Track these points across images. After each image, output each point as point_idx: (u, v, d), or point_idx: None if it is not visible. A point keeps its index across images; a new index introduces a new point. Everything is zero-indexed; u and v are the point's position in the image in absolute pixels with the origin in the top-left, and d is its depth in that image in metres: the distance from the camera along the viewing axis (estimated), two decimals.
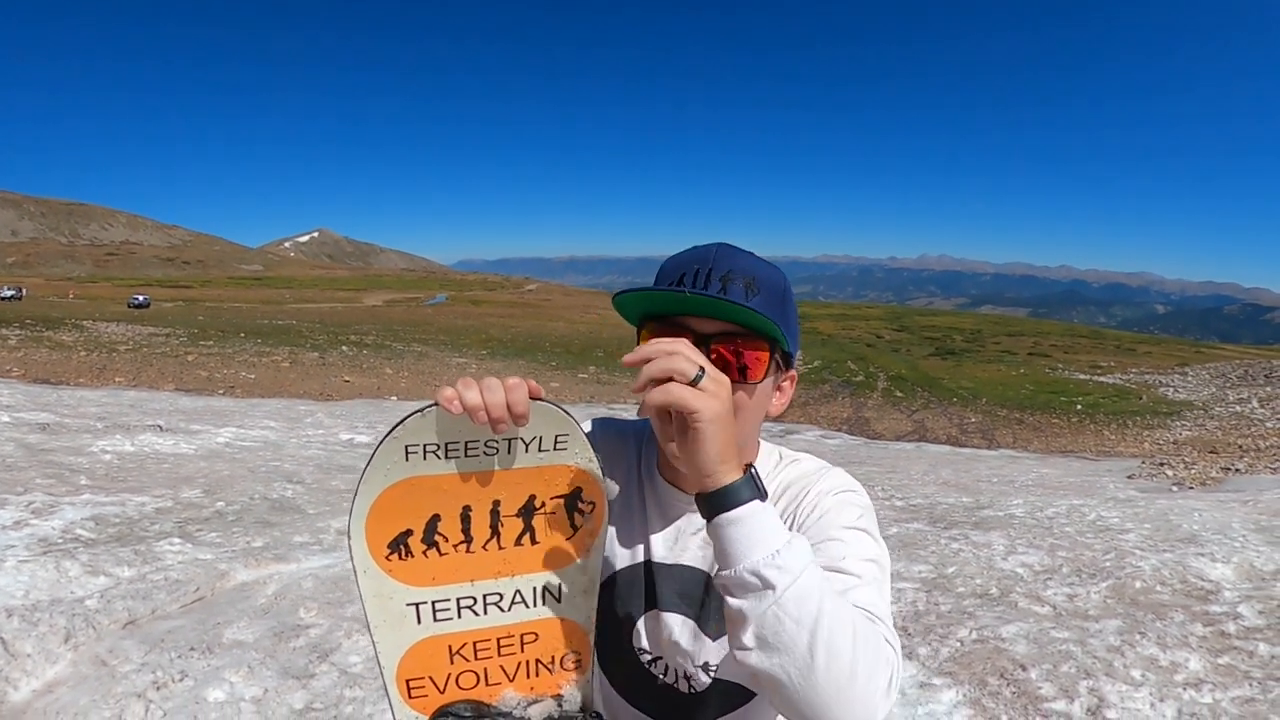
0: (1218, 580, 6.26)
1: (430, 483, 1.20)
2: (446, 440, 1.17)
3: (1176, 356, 66.57)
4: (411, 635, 1.28)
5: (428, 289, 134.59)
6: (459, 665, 1.31)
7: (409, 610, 1.27)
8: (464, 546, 1.25)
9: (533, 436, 1.19)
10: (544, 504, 1.25)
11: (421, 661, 1.30)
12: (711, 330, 1.25)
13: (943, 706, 4.25)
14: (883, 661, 1.03)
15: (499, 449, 1.19)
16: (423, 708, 1.32)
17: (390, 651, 1.28)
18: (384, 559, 1.23)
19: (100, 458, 10.01)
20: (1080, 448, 29.11)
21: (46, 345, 33.74)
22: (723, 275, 1.26)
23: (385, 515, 1.21)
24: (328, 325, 55.79)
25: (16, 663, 4.08)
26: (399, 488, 1.19)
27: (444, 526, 1.23)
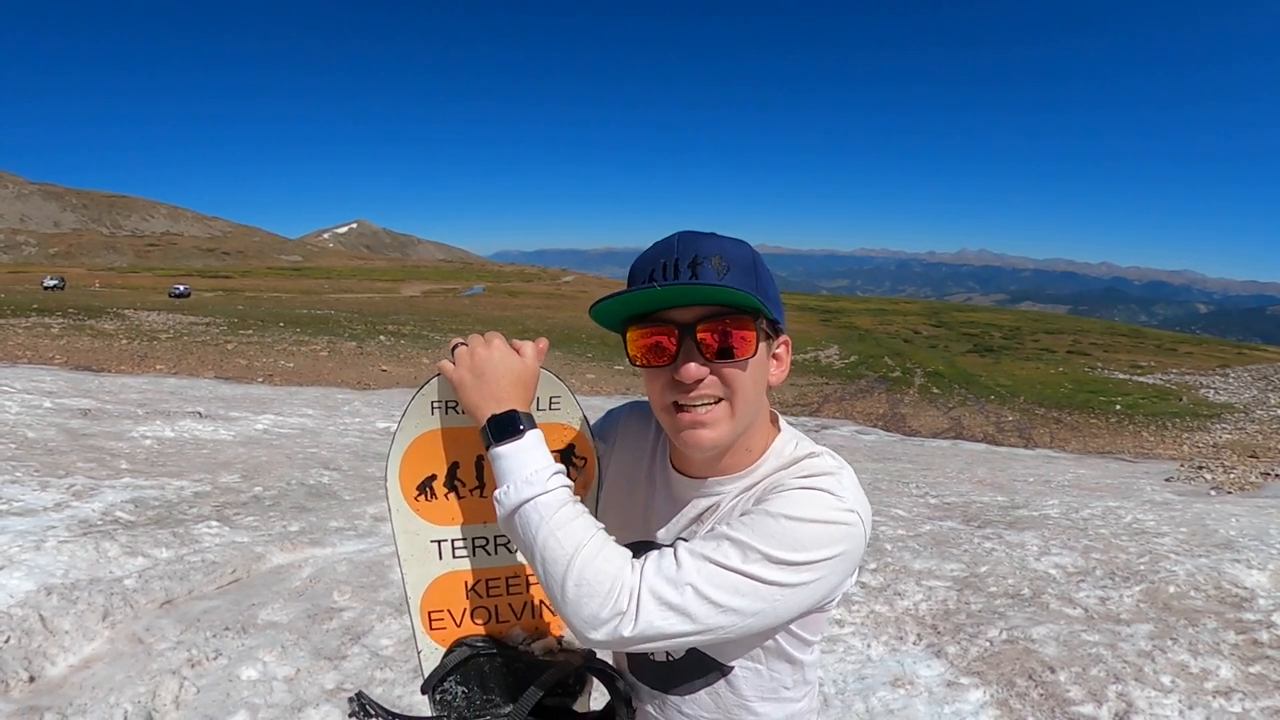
0: (1252, 587, 6.17)
1: (452, 434, 1.44)
2: None
3: (1218, 357, 65.38)
4: (434, 569, 1.49)
5: (465, 280, 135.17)
6: (474, 600, 1.52)
7: (432, 546, 1.49)
8: (478, 491, 1.47)
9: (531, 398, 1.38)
10: None
11: (442, 595, 1.50)
12: (692, 317, 1.27)
13: (969, 706, 4.22)
14: (591, 595, 1.19)
15: None
16: (441, 639, 1.52)
17: (416, 584, 1.49)
18: (413, 499, 1.46)
19: (140, 443, 10.18)
20: (1118, 449, 28.75)
21: (88, 333, 34.30)
22: (690, 261, 1.27)
23: (415, 461, 1.44)
24: (366, 315, 56.24)
25: (55, 639, 4.17)
26: (426, 437, 1.44)
27: (462, 473, 1.46)
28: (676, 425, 1.31)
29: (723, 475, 1.40)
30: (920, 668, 4.69)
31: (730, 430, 1.31)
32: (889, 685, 4.46)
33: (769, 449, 1.42)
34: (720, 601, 1.20)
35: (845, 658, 4.82)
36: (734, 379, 1.29)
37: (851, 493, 1.29)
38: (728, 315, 1.26)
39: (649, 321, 1.30)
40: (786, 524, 1.22)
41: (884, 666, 4.71)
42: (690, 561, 1.21)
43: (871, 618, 5.46)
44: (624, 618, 1.18)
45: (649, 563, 1.22)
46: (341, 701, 3.92)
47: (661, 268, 1.28)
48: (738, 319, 1.27)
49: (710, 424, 1.29)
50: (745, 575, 1.21)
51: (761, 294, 1.27)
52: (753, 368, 1.31)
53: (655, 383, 1.32)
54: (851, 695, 4.33)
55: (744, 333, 1.27)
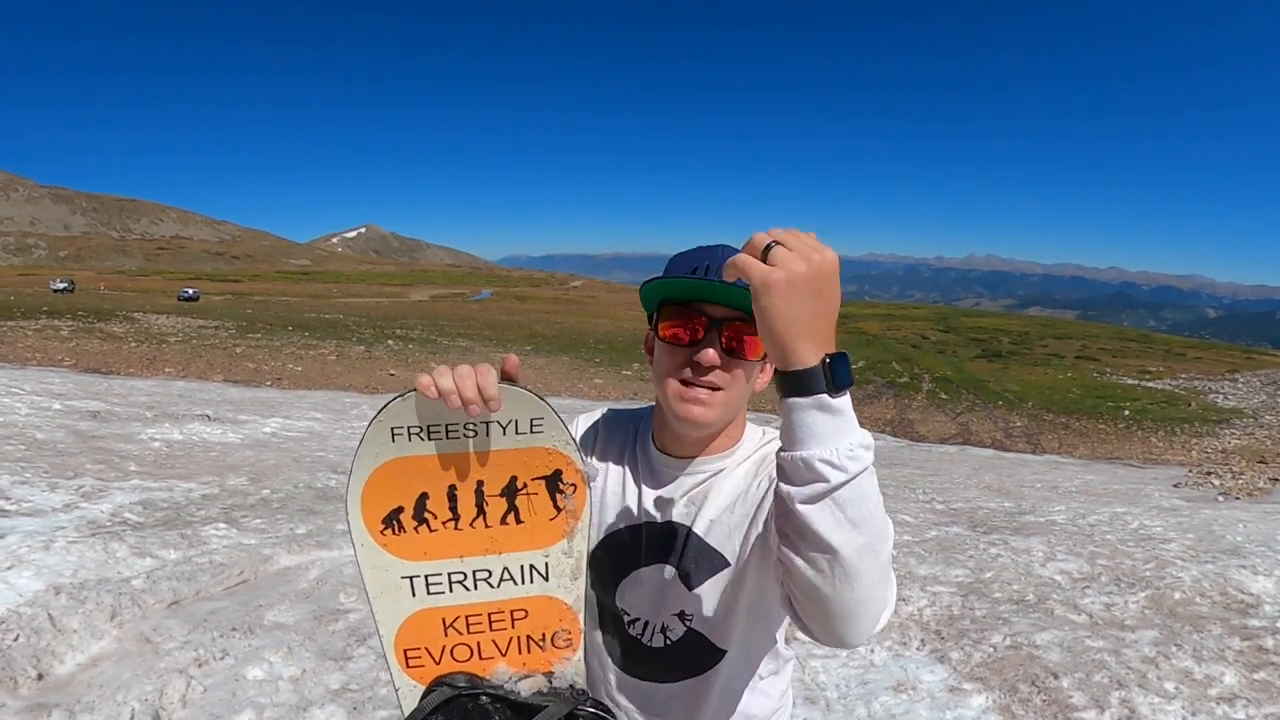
0: (1258, 594, 6.15)
1: (416, 463, 1.28)
2: (428, 423, 1.26)
3: (1227, 362, 65.12)
4: (407, 607, 1.37)
5: (473, 285, 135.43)
6: (453, 638, 1.39)
7: (404, 582, 1.35)
8: (452, 524, 1.33)
9: (509, 420, 1.27)
10: (525, 485, 1.32)
11: (417, 632, 1.38)
12: (721, 315, 1.43)
13: (971, 712, 4.23)
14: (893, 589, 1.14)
15: (477, 431, 1.28)
16: (420, 677, 1.40)
17: (388, 621, 1.37)
18: (379, 533, 1.32)
19: (149, 445, 10.24)
20: (1127, 454, 28.70)
21: (98, 336, 34.47)
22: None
23: (378, 492, 1.30)
24: (374, 319, 56.38)
25: (63, 638, 4.21)
26: (388, 467, 1.28)
27: (432, 504, 1.31)
28: (681, 396, 1.47)
29: (708, 455, 1.58)
30: (923, 673, 4.70)
31: (719, 415, 1.48)
32: (891, 690, 4.47)
33: (744, 435, 1.61)
34: None
35: (848, 663, 4.83)
36: (736, 375, 1.46)
37: None
38: (752, 323, 1.30)
39: (687, 307, 1.45)
40: None
41: (887, 672, 4.72)
42: None
43: None
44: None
45: None
46: (346, 701, 3.95)
47: (704, 268, 1.47)
48: (754, 328, 1.29)
49: (708, 405, 1.46)
50: None
51: None
52: (751, 371, 1.49)
53: (673, 359, 1.47)
54: (854, 700, 4.35)
55: (757, 341, 1.42)
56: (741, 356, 1.44)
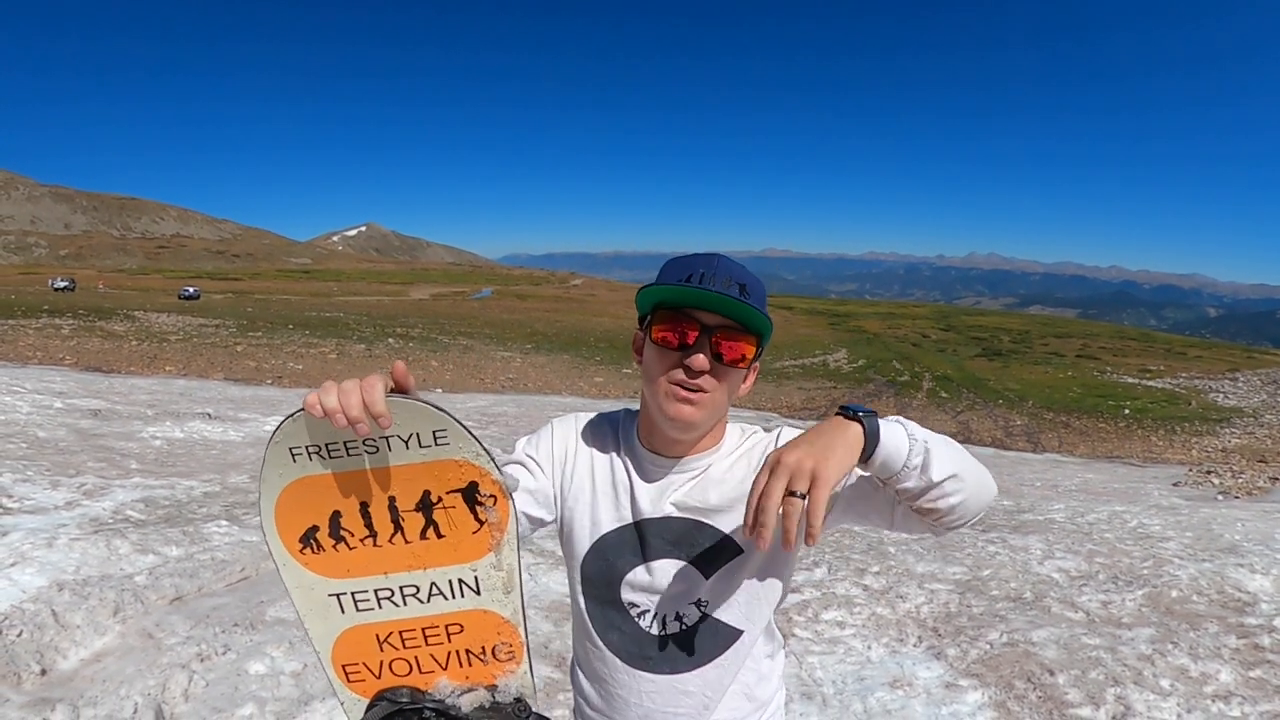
0: (1255, 592, 6.18)
1: (322, 481, 1.25)
2: (324, 441, 1.22)
3: (1227, 361, 65.12)
4: (338, 624, 1.35)
5: (474, 283, 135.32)
6: (389, 653, 1.38)
7: (331, 600, 1.33)
8: (370, 540, 1.29)
9: (409, 433, 1.22)
10: (440, 498, 1.28)
11: (352, 648, 1.37)
12: (713, 322, 1.50)
13: (967, 708, 4.26)
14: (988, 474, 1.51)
15: (377, 447, 1.23)
16: (362, 691, 1.39)
17: (322, 638, 1.36)
18: (298, 553, 1.30)
19: (150, 443, 10.28)
20: (1127, 453, 28.70)
21: (98, 335, 34.47)
22: (724, 279, 1.51)
23: (289, 513, 1.27)
24: (374, 318, 56.39)
25: (66, 633, 4.24)
26: (295, 487, 1.25)
27: (346, 522, 1.28)
28: (671, 396, 1.53)
29: (696, 454, 1.64)
30: (920, 669, 4.73)
31: (706, 417, 1.55)
32: (888, 686, 4.50)
33: (726, 433, 1.69)
34: None
35: (845, 659, 4.86)
36: (724, 380, 1.54)
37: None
38: (741, 332, 1.52)
39: (680, 313, 1.52)
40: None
41: (883, 668, 4.75)
42: None
43: (873, 620, 5.50)
44: None
45: None
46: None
47: (699, 276, 1.51)
48: (747, 335, 1.53)
49: (697, 405, 1.53)
50: None
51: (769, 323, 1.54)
52: (737, 377, 1.57)
53: (663, 362, 1.54)
54: (850, 695, 4.38)
55: (748, 346, 1.54)
56: (729, 363, 1.52)
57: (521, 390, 30.14)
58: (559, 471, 1.69)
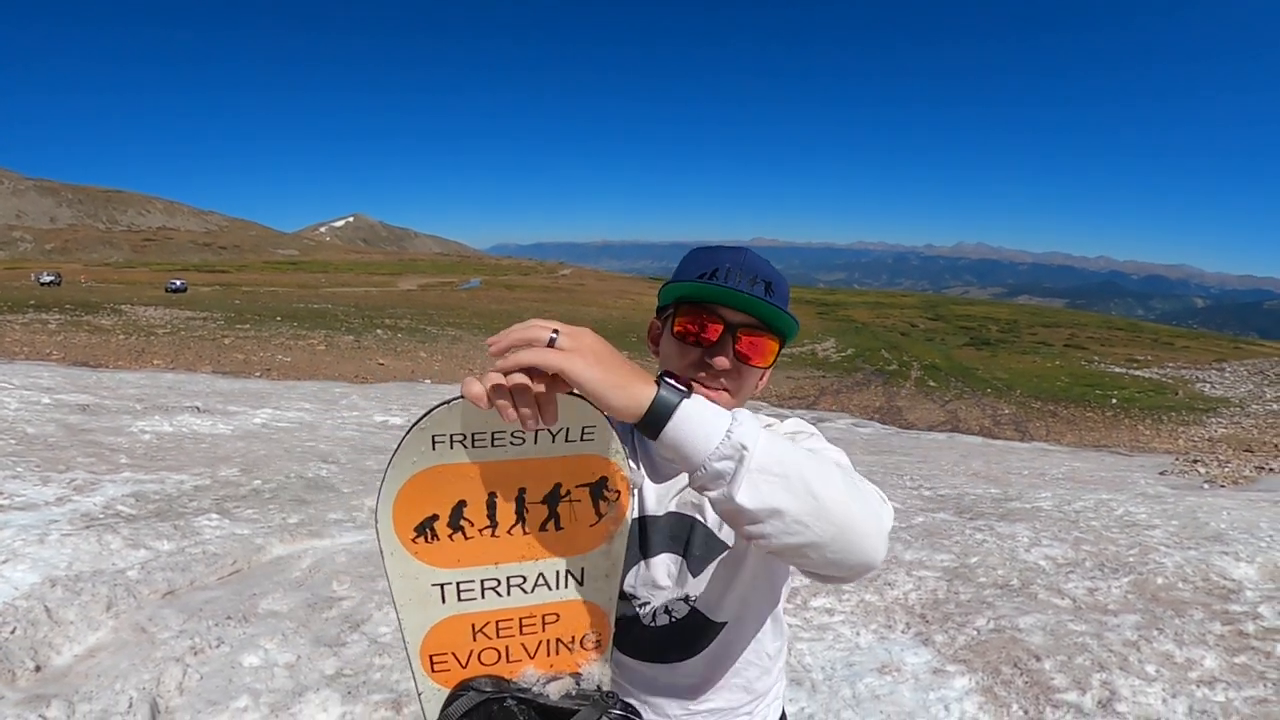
0: (1240, 579, 6.23)
1: (456, 470, 1.23)
2: (473, 431, 1.20)
3: (1214, 352, 65.53)
4: (436, 614, 1.33)
5: (462, 274, 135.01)
6: (481, 642, 1.36)
7: (434, 590, 1.31)
8: (489, 531, 1.29)
9: (560, 428, 1.21)
10: (569, 492, 1.29)
11: (445, 638, 1.35)
12: (737, 320, 1.49)
13: (954, 693, 4.31)
14: (875, 499, 1.22)
15: (525, 439, 1.22)
16: (445, 681, 1.37)
17: (415, 629, 1.34)
18: (410, 541, 1.27)
19: (140, 438, 10.24)
20: (1114, 442, 28.87)
21: (85, 329, 34.29)
22: (750, 277, 1.50)
23: (412, 500, 1.24)
24: (363, 309, 56.22)
25: (60, 629, 4.24)
26: (426, 475, 1.22)
27: (470, 512, 1.27)
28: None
29: None
30: (908, 655, 4.77)
31: None
32: (876, 672, 4.54)
33: None
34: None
35: (834, 645, 4.91)
36: (744, 378, 1.54)
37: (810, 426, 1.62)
38: (764, 331, 1.51)
39: (704, 309, 1.50)
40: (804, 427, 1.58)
41: (872, 654, 4.80)
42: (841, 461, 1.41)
43: (861, 606, 5.54)
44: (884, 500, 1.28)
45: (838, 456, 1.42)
46: (340, 686, 4.00)
47: (725, 271, 1.50)
48: (769, 334, 1.51)
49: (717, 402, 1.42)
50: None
51: (794, 323, 1.53)
52: (755, 376, 1.56)
53: (685, 357, 1.52)
54: (839, 681, 4.42)
55: (771, 345, 1.52)
56: (752, 363, 1.51)
57: None
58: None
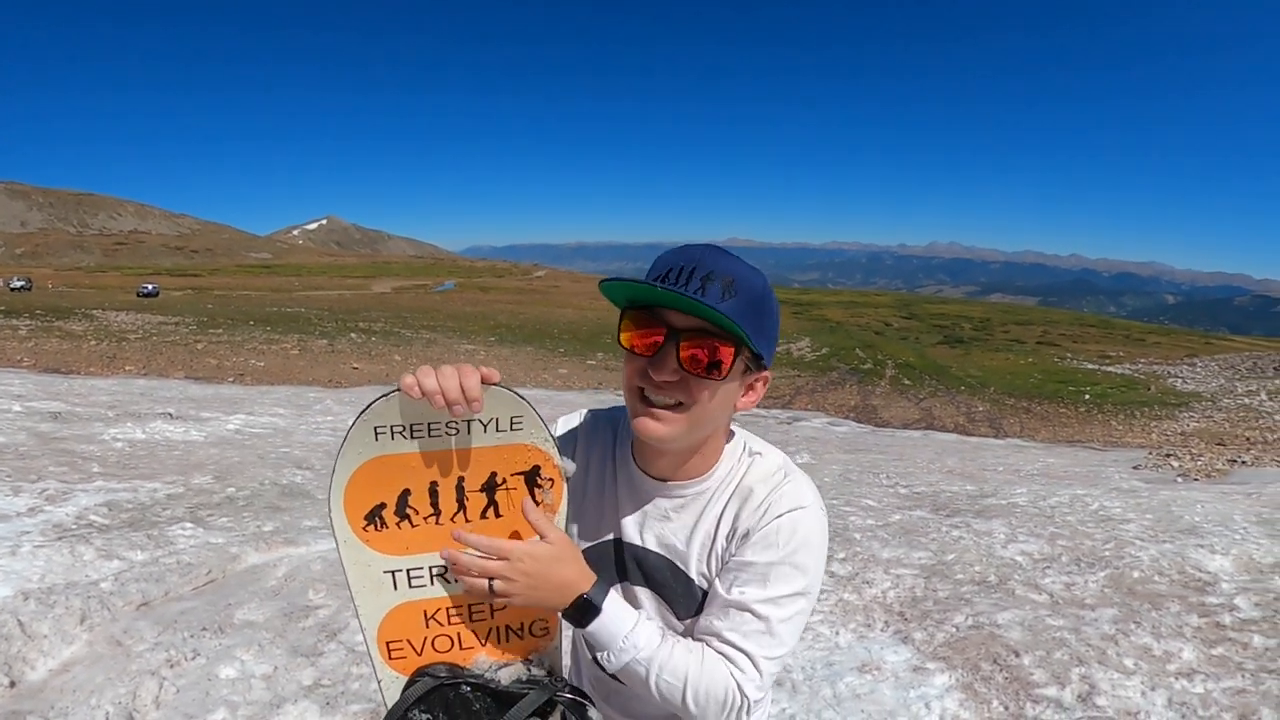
0: (1215, 572, 6.30)
1: (399, 460, 1.33)
2: (411, 422, 1.30)
3: (1185, 347, 66.27)
4: (389, 600, 1.41)
5: (436, 276, 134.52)
6: (434, 629, 1.44)
7: (386, 577, 1.40)
8: (433, 519, 1.37)
9: (489, 418, 1.32)
10: (505, 480, 1.37)
11: (399, 625, 1.43)
12: (685, 325, 1.34)
13: (934, 690, 4.32)
14: (715, 698, 1.37)
15: (459, 429, 1.32)
16: (402, 668, 1.45)
17: (371, 615, 1.42)
18: (361, 530, 1.36)
19: (112, 445, 10.14)
20: (1087, 437, 29.09)
21: (56, 335, 33.89)
22: (704, 275, 1.32)
23: (360, 490, 1.34)
24: (336, 312, 55.88)
25: (34, 643, 4.18)
26: (371, 465, 1.32)
27: (414, 500, 1.36)
28: (636, 410, 1.42)
29: (685, 480, 1.52)
30: (887, 653, 4.79)
31: (680, 433, 1.40)
32: (856, 671, 4.55)
33: (721, 455, 1.54)
34: (795, 632, 1.45)
35: (814, 645, 4.91)
36: (698, 392, 1.37)
37: (807, 489, 1.49)
38: (714, 336, 1.34)
39: (647, 314, 1.37)
40: (793, 559, 1.43)
41: (852, 653, 4.81)
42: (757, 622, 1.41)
43: (840, 606, 5.55)
44: (745, 702, 1.40)
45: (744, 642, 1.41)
46: (319, 697, 3.96)
47: (679, 271, 1.34)
48: (722, 342, 1.34)
49: (665, 421, 1.38)
50: (799, 612, 1.44)
51: (754, 328, 1.35)
52: (720, 389, 1.39)
53: (632, 366, 1.41)
54: (819, 681, 4.42)
55: (721, 356, 1.34)
56: (700, 374, 1.35)
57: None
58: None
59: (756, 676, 1.40)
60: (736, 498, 1.49)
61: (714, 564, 1.50)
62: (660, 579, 1.54)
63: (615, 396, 27.53)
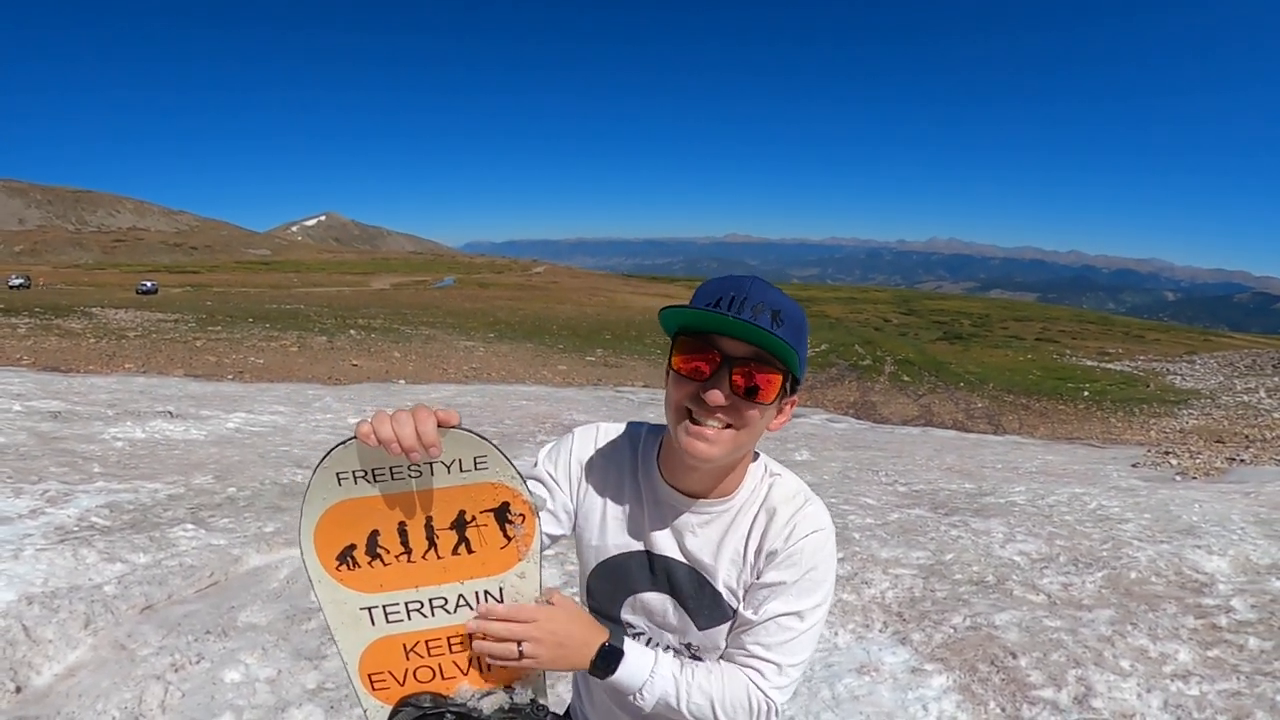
0: (1212, 573, 6.33)
1: (365, 504, 1.35)
2: (372, 467, 1.32)
3: (1185, 344, 66.29)
4: (367, 635, 1.44)
5: (435, 272, 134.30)
6: (415, 661, 1.47)
7: (362, 613, 1.43)
8: (405, 557, 1.39)
9: (452, 459, 1.33)
10: (474, 518, 1.39)
11: (380, 658, 1.46)
12: (737, 352, 1.42)
13: (932, 691, 4.36)
14: (741, 707, 1.50)
15: (422, 471, 1.34)
16: (386, 698, 1.48)
17: (351, 650, 1.45)
18: (334, 569, 1.40)
19: (112, 445, 10.14)
20: (1086, 435, 29.08)
21: (56, 333, 33.80)
22: (755, 305, 1.41)
23: (329, 533, 1.37)
24: (335, 309, 55.75)
25: (38, 648, 4.20)
26: (337, 509, 1.35)
27: (384, 540, 1.38)
28: (685, 431, 1.47)
29: (715, 498, 1.60)
30: (885, 655, 4.82)
31: (725, 453, 1.47)
32: (855, 672, 4.59)
33: (746, 475, 1.62)
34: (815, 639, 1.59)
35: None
36: (746, 415, 1.45)
37: (824, 511, 1.61)
38: (765, 363, 1.42)
39: (702, 341, 1.44)
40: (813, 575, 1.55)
41: (850, 654, 4.84)
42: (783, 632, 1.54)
43: (839, 606, 5.58)
44: (772, 705, 1.53)
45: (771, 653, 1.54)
46: (323, 700, 3.99)
47: (729, 300, 1.41)
48: (771, 368, 1.43)
49: (713, 442, 1.45)
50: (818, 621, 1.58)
51: (798, 355, 1.44)
52: (763, 412, 1.47)
53: (682, 390, 1.47)
54: (818, 682, 4.46)
55: (773, 378, 1.44)
56: (752, 399, 1.44)
57: (485, 380, 29.94)
58: (574, 488, 1.70)
59: (784, 682, 1.52)
60: (763, 516, 1.58)
61: (741, 579, 1.58)
62: (687, 590, 1.62)
63: (614, 391, 27.41)
